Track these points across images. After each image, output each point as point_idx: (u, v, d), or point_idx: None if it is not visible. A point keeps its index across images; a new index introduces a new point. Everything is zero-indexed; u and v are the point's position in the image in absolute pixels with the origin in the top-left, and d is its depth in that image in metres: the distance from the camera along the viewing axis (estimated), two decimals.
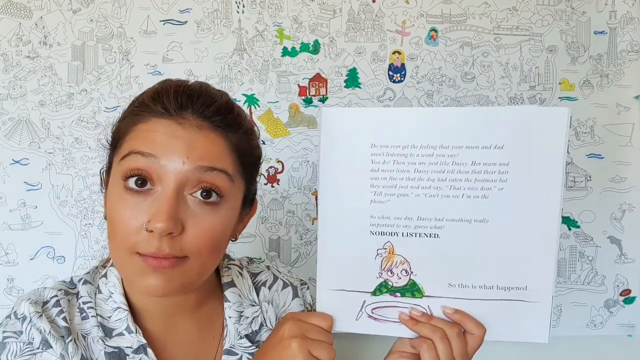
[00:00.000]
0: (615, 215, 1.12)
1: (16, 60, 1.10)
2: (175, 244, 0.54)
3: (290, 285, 0.74)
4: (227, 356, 0.64)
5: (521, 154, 0.55)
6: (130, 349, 0.59)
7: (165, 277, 0.54)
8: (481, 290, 0.57)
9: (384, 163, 0.57)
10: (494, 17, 1.12)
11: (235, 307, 0.66)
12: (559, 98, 1.12)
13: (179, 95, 0.57)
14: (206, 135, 0.56)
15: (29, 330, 0.57)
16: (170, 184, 0.54)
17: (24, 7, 1.10)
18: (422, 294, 0.59)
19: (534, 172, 0.55)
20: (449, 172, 0.56)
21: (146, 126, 0.56)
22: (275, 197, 1.13)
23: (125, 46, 1.11)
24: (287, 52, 1.12)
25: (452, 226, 0.57)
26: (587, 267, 1.13)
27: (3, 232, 1.09)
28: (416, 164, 0.56)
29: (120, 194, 0.55)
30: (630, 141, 1.12)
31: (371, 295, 0.60)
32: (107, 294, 0.62)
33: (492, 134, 0.55)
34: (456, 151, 0.55)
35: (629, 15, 1.11)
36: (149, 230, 0.53)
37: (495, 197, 0.55)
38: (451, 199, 0.56)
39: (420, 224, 0.57)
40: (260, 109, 1.13)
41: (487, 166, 0.55)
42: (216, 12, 1.12)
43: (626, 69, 1.12)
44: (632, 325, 1.14)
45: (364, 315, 0.60)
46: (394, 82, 1.13)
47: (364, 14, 1.12)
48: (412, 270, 0.59)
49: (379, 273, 0.59)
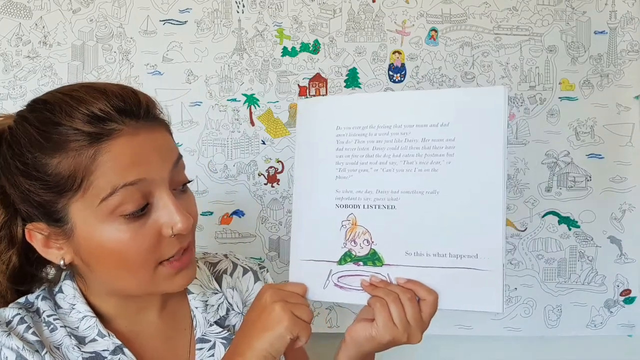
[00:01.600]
0: (615, 215, 1.12)
1: (16, 60, 1.10)
2: (188, 233, 0.59)
3: (251, 270, 0.77)
4: (201, 344, 0.66)
5: (465, 130, 0.59)
6: (107, 351, 0.60)
7: (187, 271, 0.59)
8: (435, 258, 0.61)
9: (347, 142, 0.63)
10: (494, 17, 1.12)
11: (199, 298, 0.68)
12: (559, 98, 1.12)
13: (123, 107, 0.54)
14: (159, 131, 0.58)
15: (0, 351, 0.56)
16: (163, 190, 0.56)
17: (24, 7, 1.10)
18: (382, 263, 0.63)
19: (478, 146, 0.59)
20: (402, 148, 0.61)
21: (108, 155, 0.52)
22: (275, 197, 1.13)
23: (125, 46, 1.11)
24: (287, 52, 1.12)
25: (406, 198, 0.61)
26: (587, 267, 1.13)
27: None
28: (374, 142, 0.62)
29: (116, 227, 0.54)
30: (630, 141, 1.12)
31: (337, 265, 0.64)
32: (67, 307, 0.62)
33: (438, 113, 0.60)
34: (408, 129, 0.61)
35: (629, 15, 1.11)
36: (178, 234, 0.56)
37: (444, 170, 0.60)
38: (405, 173, 0.61)
39: (378, 197, 0.62)
40: (260, 109, 1.13)
41: (436, 142, 0.60)
42: (216, 12, 1.12)
43: (626, 69, 1.11)
44: (632, 325, 1.14)
45: (331, 283, 0.64)
46: (394, 82, 1.13)
47: (364, 14, 1.12)
48: (372, 240, 0.63)
49: (344, 243, 0.64)
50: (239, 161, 1.13)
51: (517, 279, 1.13)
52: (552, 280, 1.13)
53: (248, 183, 1.13)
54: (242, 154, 1.13)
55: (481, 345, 1.14)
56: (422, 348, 0.66)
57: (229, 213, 1.13)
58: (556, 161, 1.12)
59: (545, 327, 1.14)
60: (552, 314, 1.14)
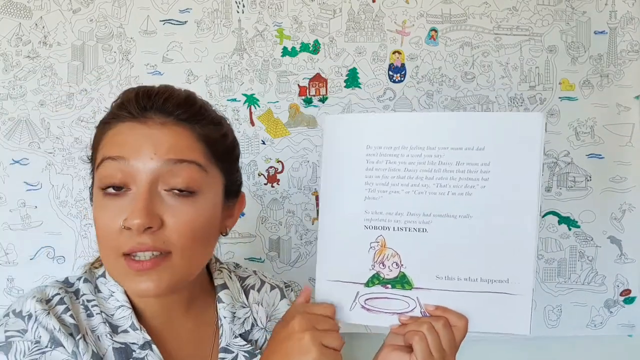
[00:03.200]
0: (615, 215, 1.12)
1: (16, 60, 1.10)
2: (158, 238, 0.56)
3: (277, 288, 0.77)
4: (224, 354, 0.66)
5: (501, 155, 0.59)
6: (136, 345, 0.60)
7: (153, 278, 0.56)
8: (466, 282, 0.60)
9: (378, 162, 0.62)
10: (494, 17, 1.12)
11: (229, 308, 0.68)
12: (559, 98, 1.12)
13: (140, 98, 0.59)
14: (171, 129, 0.58)
15: (35, 329, 0.56)
16: (142, 181, 0.56)
17: (24, 7, 1.10)
18: (412, 286, 0.62)
19: (513, 172, 0.59)
20: (436, 171, 0.60)
21: (113, 132, 0.59)
22: (275, 197, 1.13)
23: (125, 46, 1.11)
24: (287, 52, 1.12)
25: (438, 221, 0.60)
26: (587, 267, 1.13)
27: (3, 232, 1.09)
28: (406, 164, 0.61)
29: (99, 201, 0.58)
30: (630, 141, 1.12)
31: (364, 287, 0.63)
32: (107, 293, 0.62)
33: (474, 136, 0.59)
34: (442, 152, 0.60)
35: (629, 15, 1.11)
36: (127, 228, 0.55)
37: (478, 194, 0.59)
38: (438, 196, 0.60)
39: (409, 219, 0.61)
40: (260, 109, 1.13)
41: (470, 166, 0.59)
42: (216, 12, 1.12)
43: (626, 69, 1.11)
44: (632, 325, 1.14)
45: (358, 305, 0.63)
46: (394, 82, 1.13)
47: (364, 14, 1.12)
48: (402, 263, 0.62)
49: (372, 265, 0.63)
50: None
51: None
52: (552, 280, 1.13)
53: (248, 183, 1.13)
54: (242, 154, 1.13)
55: (481, 345, 1.13)
56: None
57: None
58: (556, 161, 1.12)
59: (545, 327, 1.14)
60: (552, 314, 1.14)
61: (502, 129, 0.59)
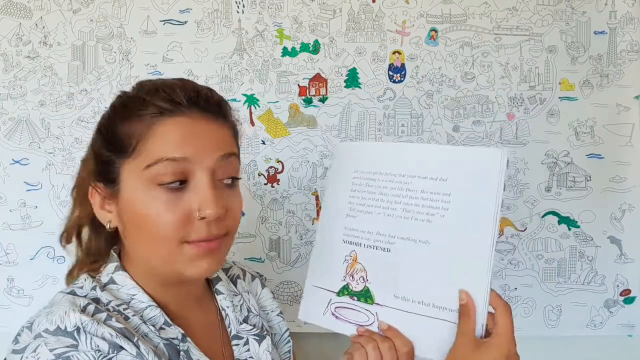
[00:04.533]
0: (615, 215, 1.12)
1: (16, 60, 1.10)
2: (221, 225, 0.60)
3: (257, 277, 0.82)
4: (236, 340, 0.69)
5: (461, 188, 0.61)
6: (177, 339, 0.61)
7: (214, 257, 0.60)
8: (419, 306, 0.62)
9: (360, 185, 0.68)
10: (494, 17, 1.12)
11: (228, 298, 0.71)
12: (558, 98, 1.12)
13: (186, 93, 0.60)
14: (218, 125, 0.61)
15: (88, 341, 0.53)
16: (204, 176, 0.58)
17: (24, 7, 1.10)
18: (373, 301, 0.66)
19: (471, 205, 0.61)
20: (403, 196, 0.64)
21: (164, 128, 0.58)
22: (275, 197, 1.13)
23: (125, 46, 1.11)
24: (287, 52, 1.12)
25: (401, 243, 0.64)
26: (587, 267, 1.13)
27: (3, 232, 1.10)
28: (380, 188, 0.66)
29: (152, 194, 0.58)
30: (630, 141, 1.12)
31: (336, 295, 0.68)
32: (126, 298, 0.62)
33: (439, 167, 0.63)
34: (410, 179, 0.64)
35: (629, 15, 1.11)
36: (202, 218, 0.58)
37: (438, 222, 0.62)
38: (402, 220, 0.64)
39: (377, 238, 0.66)
40: (260, 109, 1.13)
41: (433, 195, 0.62)
42: (216, 12, 1.12)
43: (626, 69, 1.11)
44: (632, 325, 1.14)
45: (329, 312, 0.69)
46: (394, 82, 1.13)
47: (364, 14, 1.12)
48: (367, 278, 0.66)
49: (344, 277, 0.68)
50: None
51: (517, 279, 1.13)
52: (552, 280, 1.13)
53: (248, 183, 1.13)
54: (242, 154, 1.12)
55: None
56: None
57: None
58: (556, 161, 1.12)
59: (545, 327, 1.14)
60: (552, 314, 1.14)
61: (464, 162, 0.62)
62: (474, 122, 1.12)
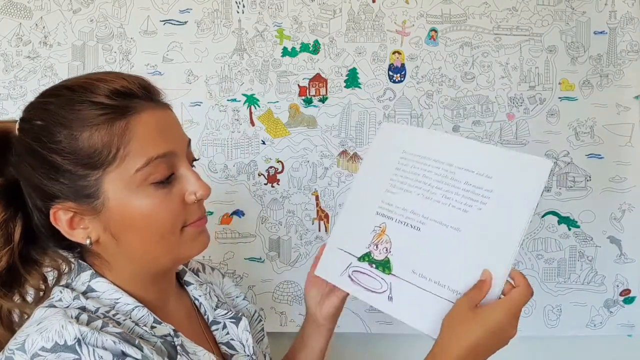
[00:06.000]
0: (615, 215, 1.12)
1: (16, 60, 1.10)
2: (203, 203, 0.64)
3: (215, 269, 0.84)
4: (215, 326, 0.71)
5: (503, 188, 0.64)
6: (169, 335, 0.61)
7: (207, 231, 0.65)
8: (435, 285, 0.65)
9: (405, 165, 0.72)
10: (494, 17, 1.12)
11: (198, 287, 0.73)
12: (558, 98, 1.12)
13: (141, 86, 0.60)
14: (171, 112, 0.63)
15: (91, 353, 0.51)
16: (184, 162, 0.61)
17: (24, 7, 1.10)
18: (390, 272, 0.69)
19: (509, 204, 0.64)
20: (446, 184, 0.67)
21: (140, 126, 0.57)
22: (275, 197, 1.14)
23: (126, 46, 1.11)
24: (287, 52, 1.12)
25: (432, 225, 0.67)
26: (587, 267, 1.13)
27: None
28: (425, 171, 0.69)
29: (146, 193, 0.58)
30: (630, 141, 1.12)
31: (357, 260, 0.72)
32: (110, 303, 0.60)
33: (487, 165, 0.66)
34: (456, 170, 0.67)
35: (629, 15, 1.11)
36: (198, 201, 0.61)
37: (473, 214, 0.65)
38: (440, 205, 0.67)
39: (410, 216, 0.69)
40: (260, 109, 1.13)
41: (475, 188, 0.65)
42: (216, 12, 1.12)
43: (626, 69, 1.11)
44: (632, 325, 1.14)
45: (346, 274, 0.72)
46: (394, 82, 1.13)
47: (364, 14, 1.12)
48: (391, 250, 0.69)
49: (369, 245, 0.71)
50: (239, 161, 1.13)
51: None
52: (551, 280, 1.13)
53: (248, 183, 1.13)
54: (242, 154, 1.13)
55: None
56: (419, 348, 0.66)
57: (229, 213, 1.13)
58: (556, 161, 1.12)
59: (545, 327, 1.14)
60: (552, 314, 1.14)
61: (512, 165, 0.65)
62: (473, 122, 1.12)
